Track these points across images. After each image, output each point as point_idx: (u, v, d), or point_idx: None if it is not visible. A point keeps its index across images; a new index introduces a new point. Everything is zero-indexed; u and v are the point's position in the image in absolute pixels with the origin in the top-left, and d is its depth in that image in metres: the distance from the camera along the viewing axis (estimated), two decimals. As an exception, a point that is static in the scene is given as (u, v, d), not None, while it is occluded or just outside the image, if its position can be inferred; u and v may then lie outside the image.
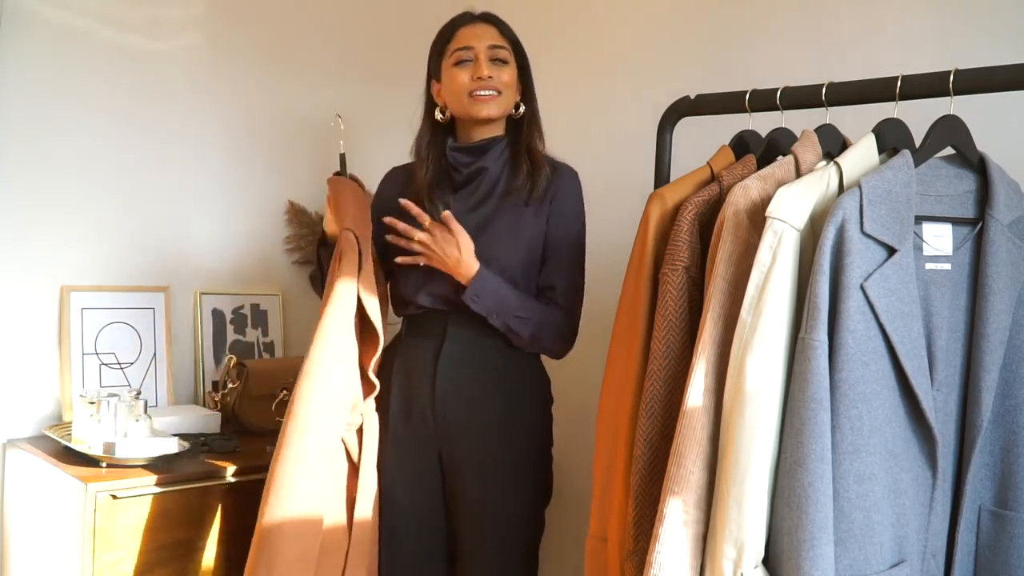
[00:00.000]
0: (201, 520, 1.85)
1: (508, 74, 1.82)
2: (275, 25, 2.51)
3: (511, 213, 1.81)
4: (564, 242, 1.83)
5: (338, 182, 1.83)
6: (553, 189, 1.82)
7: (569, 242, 1.83)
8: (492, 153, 1.83)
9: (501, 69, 1.81)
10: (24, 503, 2.00)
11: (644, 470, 1.40)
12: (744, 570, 1.22)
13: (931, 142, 1.34)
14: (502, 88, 1.81)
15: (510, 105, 1.84)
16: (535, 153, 1.84)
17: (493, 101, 1.80)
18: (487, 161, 1.82)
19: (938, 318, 1.33)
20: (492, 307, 1.74)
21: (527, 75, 1.88)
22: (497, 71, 1.81)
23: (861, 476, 1.22)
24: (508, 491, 1.78)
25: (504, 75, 1.81)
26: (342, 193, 1.80)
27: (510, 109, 1.84)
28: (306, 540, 1.64)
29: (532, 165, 1.82)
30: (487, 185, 1.83)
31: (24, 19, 2.08)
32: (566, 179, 1.85)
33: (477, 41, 1.81)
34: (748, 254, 1.30)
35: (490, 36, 1.83)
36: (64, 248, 2.17)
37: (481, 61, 1.80)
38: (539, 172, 1.82)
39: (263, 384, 2.21)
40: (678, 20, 2.25)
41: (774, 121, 1.52)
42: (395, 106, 2.72)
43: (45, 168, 2.13)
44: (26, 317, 2.11)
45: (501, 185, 1.83)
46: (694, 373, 1.30)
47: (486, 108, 1.80)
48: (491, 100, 1.80)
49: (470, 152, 1.83)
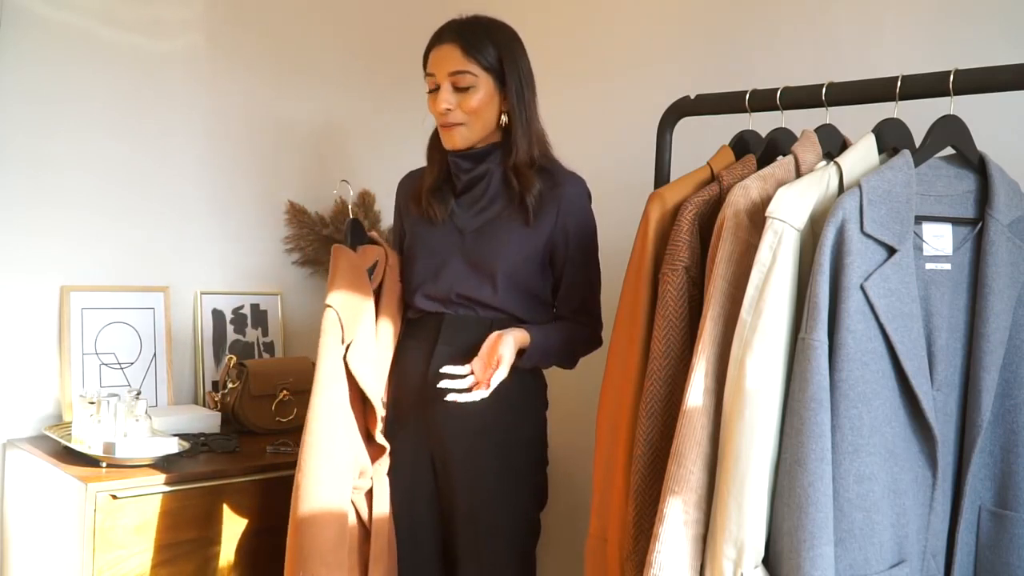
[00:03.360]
0: (201, 520, 1.85)
1: (475, 99, 1.73)
2: (275, 25, 2.51)
3: (512, 217, 1.78)
4: (577, 255, 1.80)
5: (337, 253, 1.81)
6: (556, 204, 1.77)
7: (584, 255, 1.81)
8: (493, 158, 1.80)
9: (464, 96, 1.74)
10: (24, 503, 2.00)
11: (644, 470, 1.40)
12: (744, 570, 1.22)
13: (931, 142, 1.34)
14: (464, 119, 1.74)
15: (482, 128, 1.77)
16: (522, 172, 1.77)
17: (456, 131, 1.75)
18: (488, 165, 1.80)
19: (938, 318, 1.33)
20: (544, 361, 1.80)
21: (512, 85, 1.76)
22: (461, 98, 1.74)
23: (861, 476, 1.22)
24: (500, 498, 1.77)
25: (470, 101, 1.73)
26: (337, 266, 1.79)
27: (486, 129, 1.77)
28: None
29: (521, 187, 1.76)
30: (491, 189, 1.81)
31: (24, 19, 2.08)
32: (571, 191, 1.79)
33: (438, 68, 1.75)
34: (748, 254, 1.30)
35: (452, 61, 1.73)
36: (64, 248, 2.17)
37: (442, 90, 1.74)
38: (528, 193, 1.76)
39: (263, 384, 2.22)
40: (678, 20, 2.25)
41: (774, 121, 1.52)
42: (395, 107, 2.73)
43: (45, 168, 2.13)
44: (26, 317, 2.11)
45: (504, 189, 1.80)
46: (694, 373, 1.30)
47: (450, 140, 1.77)
48: (454, 130, 1.75)
49: (469, 158, 1.81)
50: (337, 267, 1.79)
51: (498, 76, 1.76)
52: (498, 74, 1.76)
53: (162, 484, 1.80)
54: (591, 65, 2.43)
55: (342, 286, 1.77)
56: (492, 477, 1.76)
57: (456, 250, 1.80)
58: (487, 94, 1.75)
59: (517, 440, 1.80)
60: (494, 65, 1.75)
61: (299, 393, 2.26)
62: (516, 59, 1.78)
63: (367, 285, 1.80)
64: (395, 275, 1.88)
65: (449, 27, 1.78)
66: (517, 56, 1.79)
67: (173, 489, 1.81)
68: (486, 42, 1.75)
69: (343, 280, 1.77)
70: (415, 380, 1.80)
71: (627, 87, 2.34)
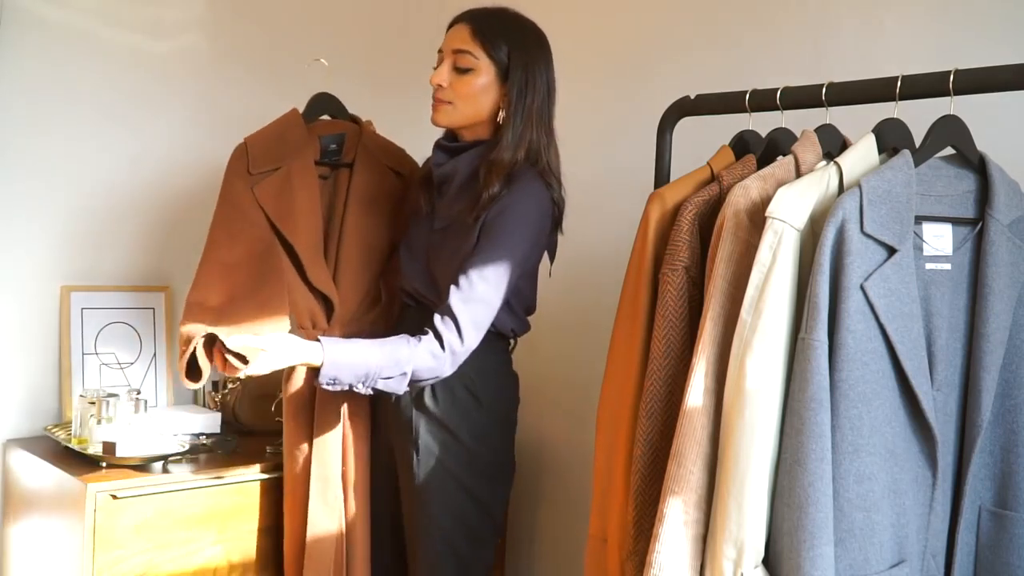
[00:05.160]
0: (201, 520, 1.85)
1: (469, 84, 1.69)
2: (275, 25, 2.51)
3: (459, 230, 1.71)
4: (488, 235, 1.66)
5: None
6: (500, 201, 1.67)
7: (488, 241, 1.65)
8: (464, 157, 1.74)
9: (460, 78, 1.70)
10: (24, 503, 2.00)
11: (644, 470, 1.40)
12: (744, 570, 1.23)
13: (931, 142, 1.34)
14: (454, 98, 1.70)
15: (469, 115, 1.72)
16: (490, 170, 1.67)
17: (442, 109, 1.71)
18: (457, 164, 1.75)
19: (938, 318, 1.33)
20: (356, 378, 1.59)
21: (516, 85, 1.70)
22: (456, 80, 1.70)
23: (861, 476, 1.22)
24: (437, 508, 1.73)
25: (463, 85, 1.69)
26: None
27: (472, 119, 1.73)
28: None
29: (483, 183, 1.67)
30: (453, 191, 1.75)
31: (24, 19, 2.08)
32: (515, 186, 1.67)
33: (447, 44, 1.72)
34: (748, 254, 1.30)
35: (459, 40, 1.70)
36: (64, 248, 2.17)
37: (442, 67, 1.71)
38: (485, 190, 1.66)
39: (263, 384, 2.21)
40: (678, 20, 2.25)
41: (774, 121, 1.52)
42: (396, 106, 2.72)
43: (45, 168, 2.13)
44: (26, 317, 2.11)
45: (464, 195, 1.72)
46: (694, 373, 1.30)
47: (435, 115, 1.73)
48: (439, 107, 1.72)
49: (446, 151, 1.78)
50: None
51: (503, 70, 1.71)
52: (503, 68, 1.71)
53: (162, 484, 1.80)
54: (591, 65, 2.42)
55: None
56: (430, 484, 1.73)
57: (423, 246, 1.79)
58: (486, 83, 1.71)
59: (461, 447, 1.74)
60: (501, 57, 1.70)
61: (299, 393, 2.26)
62: (530, 61, 1.72)
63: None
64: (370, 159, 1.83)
65: (470, 10, 1.75)
66: (533, 59, 1.73)
67: (173, 489, 1.81)
68: (499, 32, 1.71)
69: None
70: None
71: (627, 87, 2.34)
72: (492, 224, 1.66)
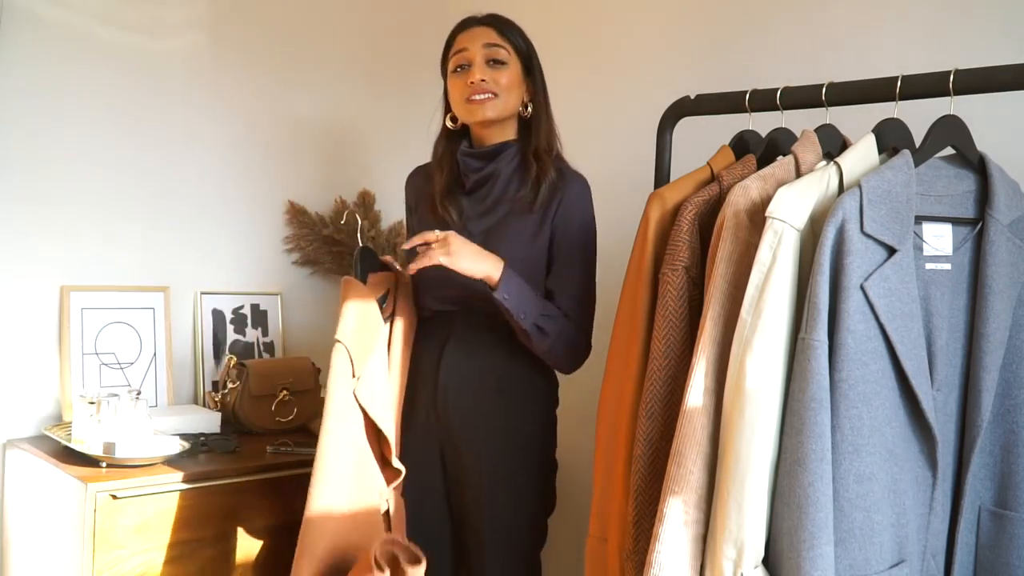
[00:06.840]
0: (201, 520, 1.85)
1: (507, 76, 1.76)
2: (276, 25, 2.51)
3: (518, 219, 1.78)
4: (570, 253, 1.77)
5: (346, 286, 1.75)
6: (559, 198, 1.77)
7: (576, 253, 1.77)
8: (503, 158, 1.80)
9: (498, 71, 1.76)
10: (24, 503, 2.00)
11: (644, 470, 1.40)
12: (744, 570, 1.23)
13: (931, 142, 1.34)
14: (498, 90, 1.75)
15: (510, 107, 1.78)
16: (542, 159, 1.78)
17: (488, 103, 1.75)
18: (497, 166, 1.80)
19: (938, 318, 1.33)
20: (521, 306, 1.68)
21: (536, 77, 1.82)
22: (493, 73, 1.76)
23: (861, 476, 1.22)
24: (506, 500, 1.76)
25: (502, 77, 1.76)
26: (345, 298, 1.73)
27: (512, 111, 1.79)
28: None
29: (538, 171, 1.77)
30: (497, 190, 1.81)
31: (24, 18, 2.08)
32: (574, 188, 1.78)
33: (472, 43, 1.77)
34: (748, 254, 1.30)
35: (486, 36, 1.77)
36: (64, 248, 2.17)
37: (475, 64, 1.76)
38: (543, 179, 1.76)
39: (263, 384, 2.21)
40: (678, 20, 2.25)
41: (774, 121, 1.52)
42: (397, 107, 2.73)
43: (45, 167, 2.13)
44: (26, 317, 2.11)
45: (511, 190, 1.80)
46: (694, 373, 1.30)
47: (481, 111, 1.76)
48: (486, 102, 1.75)
49: (480, 157, 1.81)
50: (346, 299, 1.73)
51: (526, 63, 1.81)
52: (526, 60, 1.81)
53: (162, 484, 1.80)
54: (591, 65, 2.43)
55: (351, 320, 1.72)
56: (499, 481, 1.76)
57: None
58: (516, 75, 1.79)
59: (526, 442, 1.79)
60: (524, 51, 1.81)
61: (299, 393, 2.26)
62: (536, 57, 1.84)
63: (377, 317, 1.75)
64: (407, 302, 1.84)
65: (484, 16, 1.82)
66: (537, 56, 1.84)
67: (173, 489, 1.81)
68: (516, 30, 1.82)
69: (351, 313, 1.72)
70: (427, 377, 1.80)
71: (627, 87, 2.34)
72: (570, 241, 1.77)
